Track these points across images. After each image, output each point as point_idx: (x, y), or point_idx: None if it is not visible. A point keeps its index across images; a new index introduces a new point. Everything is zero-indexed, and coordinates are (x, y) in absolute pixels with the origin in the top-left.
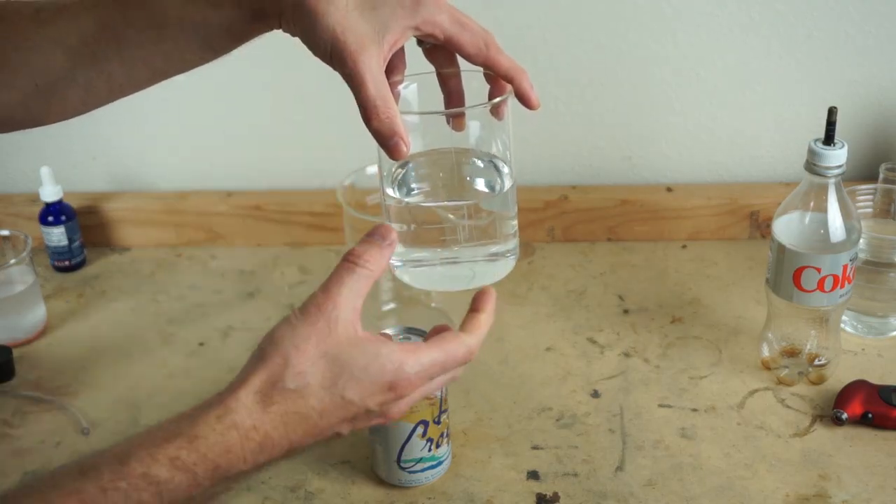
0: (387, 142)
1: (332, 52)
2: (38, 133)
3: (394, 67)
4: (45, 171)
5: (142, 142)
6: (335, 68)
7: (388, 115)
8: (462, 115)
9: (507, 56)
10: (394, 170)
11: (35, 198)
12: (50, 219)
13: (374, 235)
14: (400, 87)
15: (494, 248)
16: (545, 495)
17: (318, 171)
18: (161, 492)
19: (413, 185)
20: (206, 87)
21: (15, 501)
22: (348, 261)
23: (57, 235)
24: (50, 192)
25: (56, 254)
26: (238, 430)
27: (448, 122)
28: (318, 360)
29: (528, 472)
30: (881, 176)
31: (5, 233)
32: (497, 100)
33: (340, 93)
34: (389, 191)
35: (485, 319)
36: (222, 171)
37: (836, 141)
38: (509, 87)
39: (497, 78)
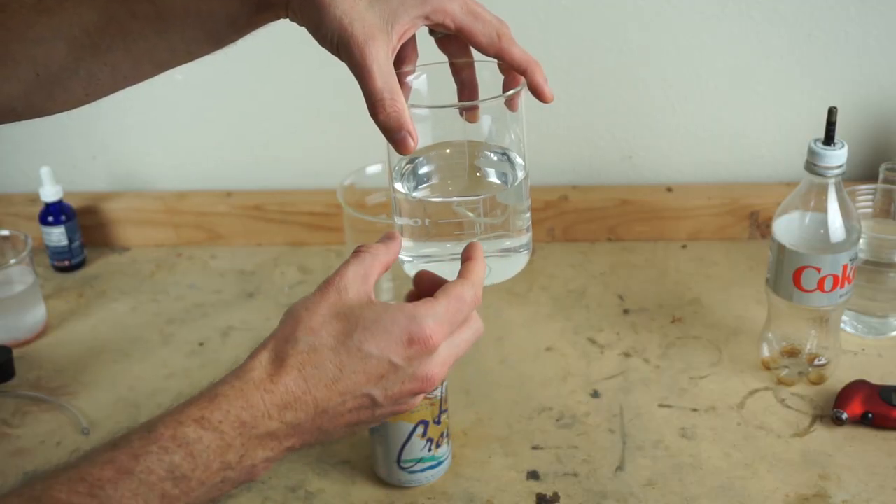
0: (394, 136)
1: (339, 43)
2: (39, 133)
3: (405, 57)
4: (45, 171)
5: (142, 142)
6: (342, 59)
7: (395, 108)
8: (475, 108)
9: (521, 48)
10: (404, 164)
11: (35, 198)
12: (50, 219)
13: (380, 237)
14: (410, 78)
15: (508, 243)
16: (545, 495)
17: (318, 171)
18: (192, 452)
19: (424, 179)
20: (206, 88)
21: (53, 478)
22: (354, 252)
23: (57, 235)
24: (50, 192)
25: (56, 254)
26: (255, 384)
27: (461, 114)
28: (330, 318)
29: (528, 472)
30: (881, 176)
31: (5, 233)
32: (510, 92)
33: (340, 92)
34: (399, 185)
35: (479, 265)
36: (222, 171)
37: (836, 141)
38: (523, 78)
39: (511, 69)
